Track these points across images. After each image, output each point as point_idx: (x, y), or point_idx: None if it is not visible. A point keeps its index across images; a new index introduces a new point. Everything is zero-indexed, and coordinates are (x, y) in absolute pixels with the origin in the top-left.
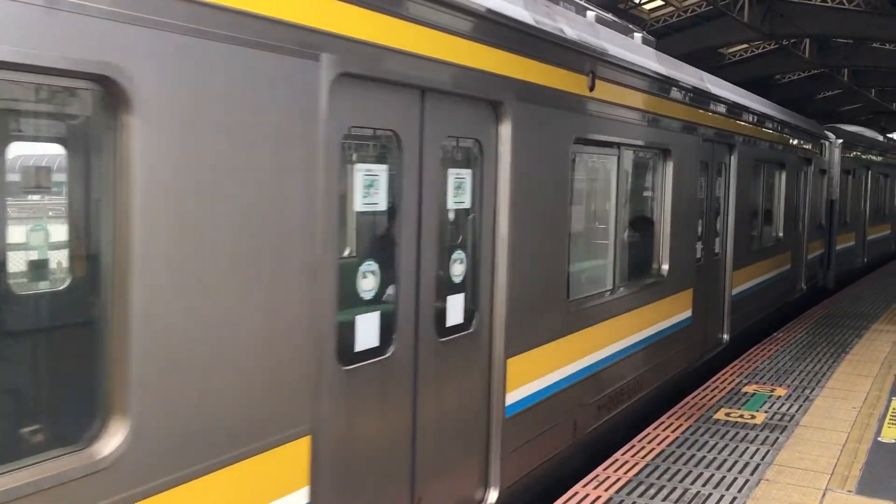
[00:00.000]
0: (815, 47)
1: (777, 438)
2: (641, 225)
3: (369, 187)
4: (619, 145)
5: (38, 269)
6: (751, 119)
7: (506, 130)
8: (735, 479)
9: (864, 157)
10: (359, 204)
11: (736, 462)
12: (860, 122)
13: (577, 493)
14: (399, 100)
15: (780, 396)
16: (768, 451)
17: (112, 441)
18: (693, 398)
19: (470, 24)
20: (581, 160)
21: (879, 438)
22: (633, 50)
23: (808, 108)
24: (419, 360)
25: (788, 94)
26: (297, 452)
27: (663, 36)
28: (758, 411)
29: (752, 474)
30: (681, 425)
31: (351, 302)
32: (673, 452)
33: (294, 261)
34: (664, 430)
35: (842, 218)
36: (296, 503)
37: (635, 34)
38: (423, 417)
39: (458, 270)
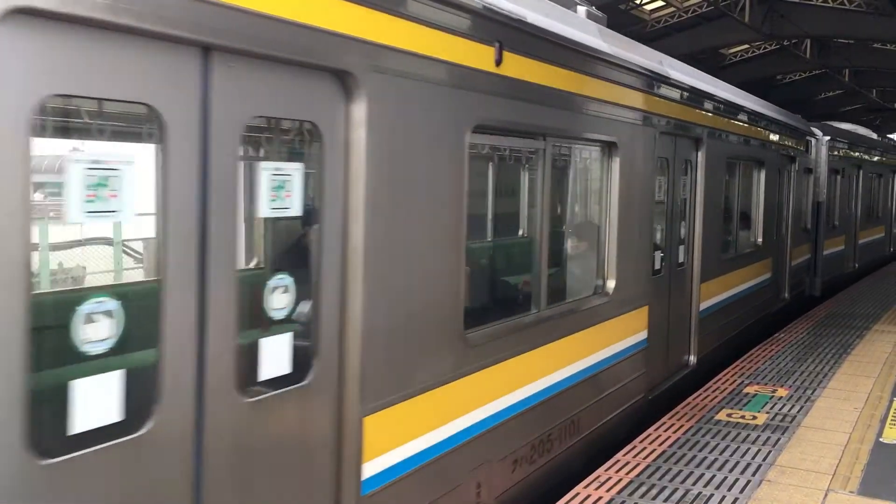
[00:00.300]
0: (816, 48)
1: (778, 439)
2: (580, 233)
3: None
4: (545, 136)
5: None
6: (722, 111)
7: (359, 111)
8: (736, 479)
9: (854, 155)
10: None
11: (737, 463)
12: (860, 123)
13: (577, 493)
14: (158, 61)
15: (781, 397)
16: (770, 451)
17: None
18: (694, 399)
19: None
20: (493, 153)
21: (881, 439)
22: (570, 23)
23: (808, 108)
24: (205, 431)
25: (789, 95)
26: None
27: (664, 36)
28: (759, 412)
29: (753, 475)
30: (682, 426)
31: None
32: (674, 453)
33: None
34: (665, 430)
35: (830, 221)
36: None
37: (579, 7)
38: None
39: (279, 302)
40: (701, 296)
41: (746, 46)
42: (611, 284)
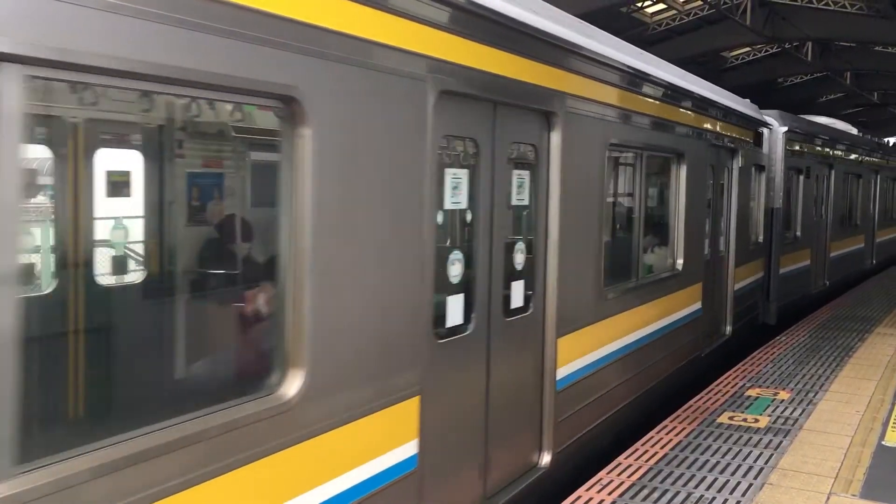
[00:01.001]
0: (818, 50)
1: (780, 442)
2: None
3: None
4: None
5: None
6: (603, 75)
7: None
8: (738, 482)
9: (824, 152)
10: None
11: (739, 466)
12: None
13: (580, 496)
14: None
15: (783, 400)
16: (772, 454)
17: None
18: (696, 402)
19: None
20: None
21: (883, 442)
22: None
23: (810, 111)
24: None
25: (790, 98)
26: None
27: (665, 40)
28: (761, 415)
29: (755, 478)
30: (684, 429)
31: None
32: (676, 456)
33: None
34: (667, 433)
35: (789, 231)
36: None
37: None
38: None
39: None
40: (561, 356)
41: (748, 49)
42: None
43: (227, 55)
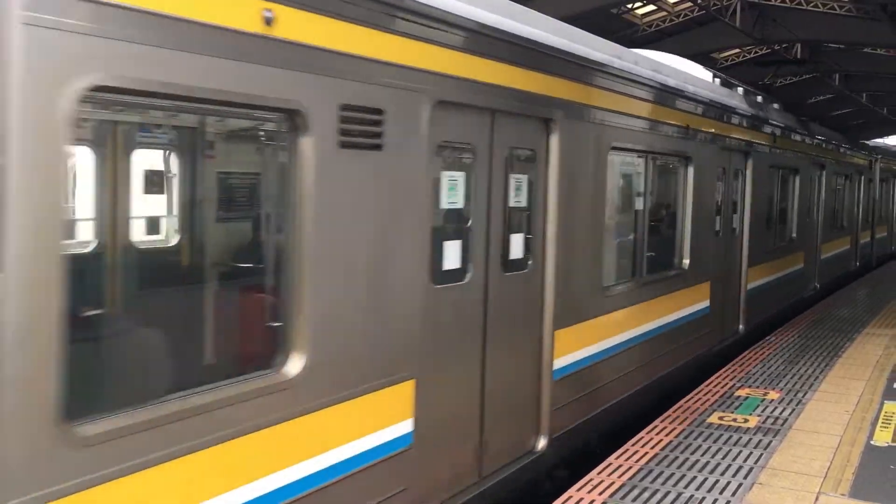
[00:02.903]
0: (807, 52)
1: (770, 442)
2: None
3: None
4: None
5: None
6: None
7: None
8: (728, 482)
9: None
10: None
11: (729, 466)
12: (851, 127)
13: (571, 497)
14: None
15: (772, 400)
16: (761, 454)
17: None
18: (686, 402)
19: None
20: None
21: (872, 442)
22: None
23: (800, 112)
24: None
25: (780, 99)
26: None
27: (656, 41)
28: (751, 415)
29: (745, 478)
30: (674, 429)
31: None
32: (667, 456)
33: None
34: (658, 433)
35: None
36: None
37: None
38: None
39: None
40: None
41: (738, 51)
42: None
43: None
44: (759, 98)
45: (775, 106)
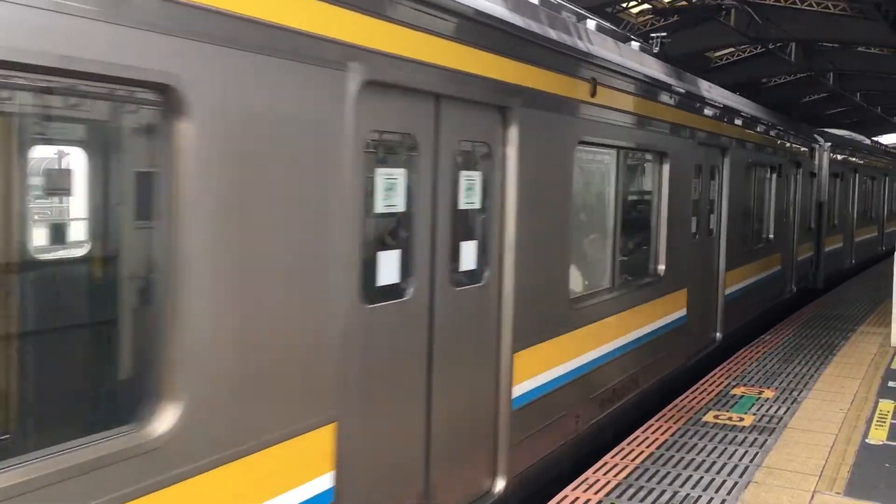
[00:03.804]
0: (801, 51)
1: (765, 441)
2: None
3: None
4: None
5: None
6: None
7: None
8: (724, 481)
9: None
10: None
11: (725, 464)
12: (845, 126)
13: (566, 496)
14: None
15: (768, 399)
16: (757, 453)
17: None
18: (682, 401)
19: None
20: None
21: (867, 440)
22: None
23: (794, 111)
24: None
25: (775, 98)
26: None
27: (650, 40)
28: (746, 413)
29: (740, 477)
30: (670, 428)
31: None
32: (662, 455)
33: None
34: (653, 432)
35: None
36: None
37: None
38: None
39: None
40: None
41: (732, 50)
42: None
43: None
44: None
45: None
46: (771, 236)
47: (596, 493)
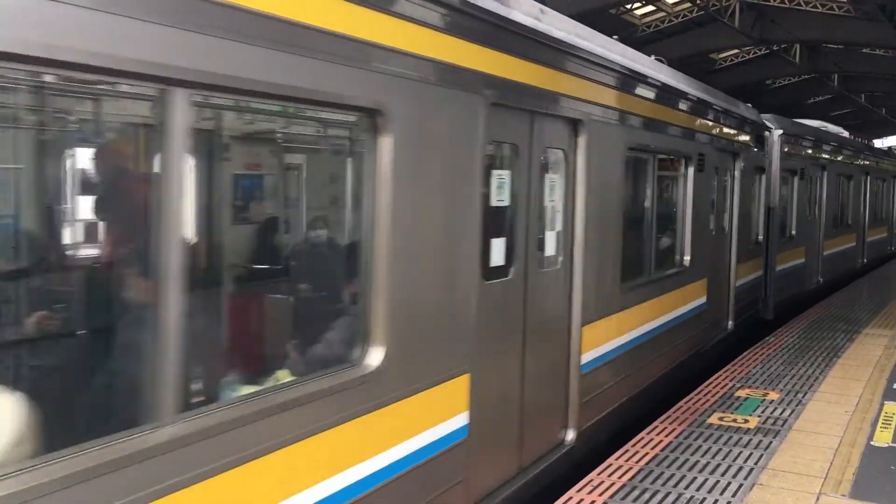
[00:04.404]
0: (806, 53)
1: (770, 443)
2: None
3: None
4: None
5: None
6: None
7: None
8: (729, 483)
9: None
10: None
11: (730, 466)
12: (847, 127)
13: (571, 498)
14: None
15: (772, 400)
16: (762, 455)
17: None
18: (686, 402)
19: None
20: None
21: (872, 442)
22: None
23: (799, 113)
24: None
25: (779, 99)
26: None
27: (655, 41)
28: (751, 415)
29: (745, 479)
30: (674, 430)
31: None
32: (667, 457)
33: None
34: (658, 434)
35: None
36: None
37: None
38: None
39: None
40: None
41: (737, 51)
42: None
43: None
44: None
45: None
46: (686, 258)
47: (600, 494)
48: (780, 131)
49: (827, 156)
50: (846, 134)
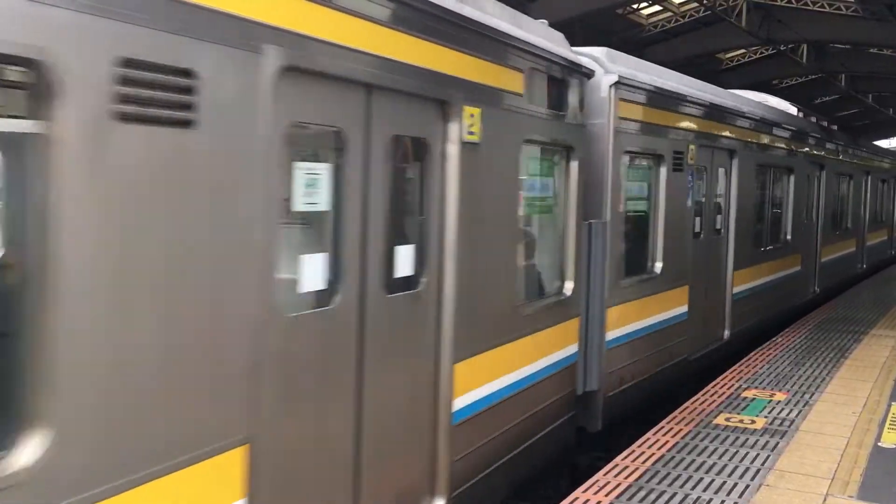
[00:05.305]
0: (813, 53)
1: (777, 443)
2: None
3: None
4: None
5: None
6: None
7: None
8: (735, 484)
9: None
10: None
11: (736, 467)
12: (857, 128)
13: (577, 498)
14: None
15: (779, 401)
16: (768, 456)
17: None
18: (692, 403)
19: None
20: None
21: (880, 443)
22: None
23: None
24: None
25: (786, 99)
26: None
27: (661, 41)
28: (758, 416)
29: (752, 479)
30: (681, 430)
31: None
32: (673, 458)
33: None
34: (664, 435)
35: None
36: None
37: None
38: None
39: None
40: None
41: (744, 51)
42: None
43: None
44: None
45: None
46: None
47: (606, 495)
48: (614, 78)
49: (731, 136)
50: (794, 111)
